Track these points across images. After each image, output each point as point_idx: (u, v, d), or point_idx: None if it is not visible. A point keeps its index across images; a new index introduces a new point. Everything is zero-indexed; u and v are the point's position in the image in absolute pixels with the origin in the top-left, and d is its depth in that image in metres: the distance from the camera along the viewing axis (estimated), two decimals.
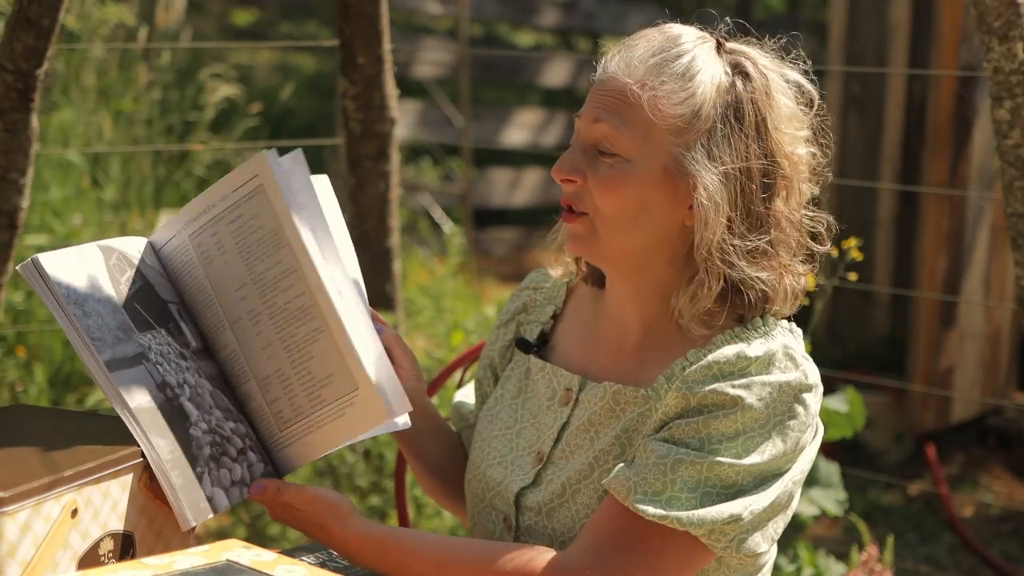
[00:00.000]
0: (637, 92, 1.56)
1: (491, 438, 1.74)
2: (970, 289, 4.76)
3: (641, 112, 1.56)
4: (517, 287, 1.85)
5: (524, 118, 7.68)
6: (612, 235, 1.58)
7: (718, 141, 1.56)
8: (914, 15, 4.97)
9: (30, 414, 1.73)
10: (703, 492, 1.50)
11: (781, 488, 1.54)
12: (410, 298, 5.14)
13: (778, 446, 1.53)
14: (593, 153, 1.59)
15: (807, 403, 1.55)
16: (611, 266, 1.64)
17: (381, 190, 3.25)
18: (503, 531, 1.68)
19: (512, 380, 1.77)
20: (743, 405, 1.51)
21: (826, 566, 3.03)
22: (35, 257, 1.53)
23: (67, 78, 4.80)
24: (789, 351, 1.56)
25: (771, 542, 1.57)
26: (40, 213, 4.16)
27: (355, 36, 3.10)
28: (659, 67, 1.57)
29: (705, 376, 1.53)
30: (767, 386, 1.52)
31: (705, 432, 1.51)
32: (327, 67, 9.20)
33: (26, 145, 2.62)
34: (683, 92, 1.56)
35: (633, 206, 1.57)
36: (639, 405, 1.60)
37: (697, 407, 1.53)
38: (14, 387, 3.74)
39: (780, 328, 1.60)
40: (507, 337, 1.81)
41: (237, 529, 3.37)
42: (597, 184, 1.57)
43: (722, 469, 1.50)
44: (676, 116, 1.56)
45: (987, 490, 4.51)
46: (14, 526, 1.38)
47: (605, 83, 1.60)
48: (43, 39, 2.53)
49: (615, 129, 1.57)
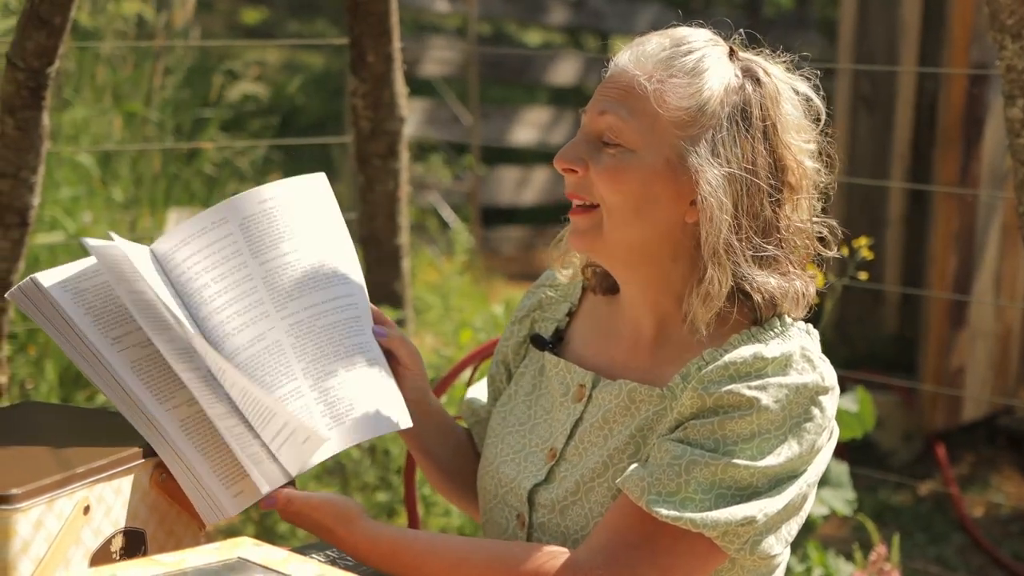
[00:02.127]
0: (644, 84, 1.56)
1: (504, 434, 1.74)
2: (981, 288, 4.75)
3: (647, 104, 1.56)
4: (533, 284, 1.85)
5: (532, 117, 7.68)
6: (615, 227, 1.58)
7: (723, 139, 1.55)
8: (925, 13, 4.95)
9: (41, 411, 1.73)
10: (717, 493, 1.50)
11: (796, 490, 1.53)
12: (418, 296, 5.14)
13: (794, 448, 1.52)
14: (597, 144, 1.59)
15: (823, 405, 1.55)
16: (615, 263, 1.64)
17: (390, 188, 3.26)
18: (516, 528, 1.68)
19: (526, 377, 1.76)
20: (759, 407, 1.51)
21: (836, 566, 3.03)
22: (33, 277, 1.55)
23: (78, 76, 4.81)
24: (806, 352, 1.56)
25: (785, 544, 1.56)
26: (51, 211, 4.16)
27: (365, 34, 3.10)
28: (668, 61, 1.58)
29: (722, 376, 1.53)
30: (784, 388, 1.52)
31: (721, 433, 1.51)
32: (335, 65, 9.21)
33: (37, 143, 2.63)
34: (690, 87, 1.56)
35: (635, 197, 1.56)
36: (654, 404, 1.60)
37: (713, 408, 1.52)
38: (24, 384, 3.74)
39: (797, 329, 1.60)
40: (521, 333, 1.80)
41: (247, 527, 3.37)
42: (599, 173, 1.57)
43: (737, 471, 1.50)
44: (682, 109, 1.56)
45: (997, 490, 4.50)
46: (27, 523, 1.38)
47: (614, 77, 1.61)
48: (54, 37, 2.54)
49: (620, 119, 1.57)
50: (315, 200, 1.69)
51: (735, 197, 1.55)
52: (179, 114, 5.18)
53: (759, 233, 1.57)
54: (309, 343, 1.62)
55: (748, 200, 1.56)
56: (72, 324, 1.55)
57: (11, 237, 2.66)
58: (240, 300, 1.59)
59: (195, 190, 4.99)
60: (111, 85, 4.85)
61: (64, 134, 4.56)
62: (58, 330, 1.55)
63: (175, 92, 5.17)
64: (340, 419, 1.60)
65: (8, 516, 1.36)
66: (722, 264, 1.55)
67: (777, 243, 1.58)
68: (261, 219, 1.62)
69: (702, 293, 1.56)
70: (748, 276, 1.56)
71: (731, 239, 1.55)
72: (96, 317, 1.57)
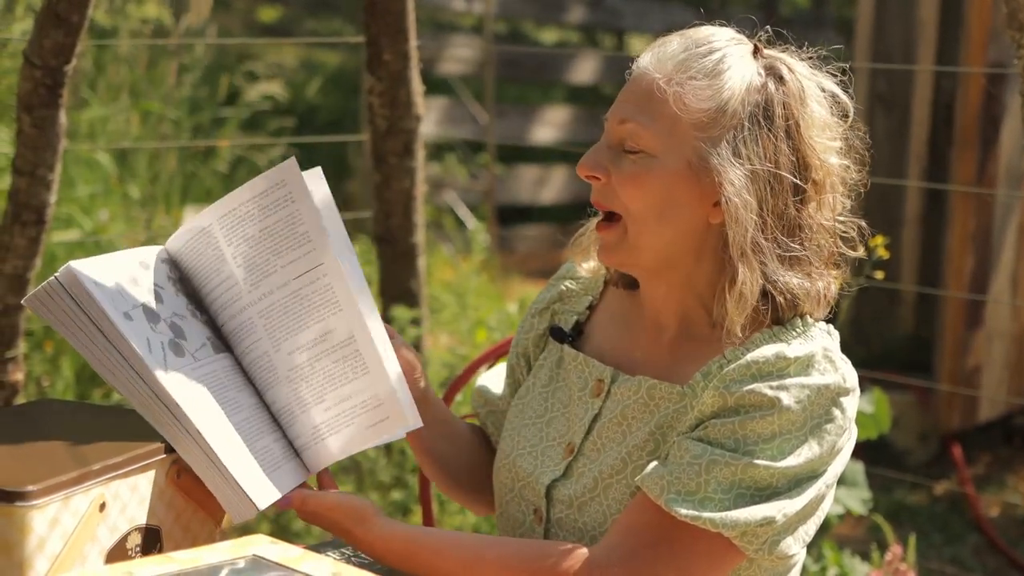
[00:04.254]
0: (663, 87, 1.56)
1: (521, 427, 1.73)
2: (997, 288, 4.73)
3: (666, 107, 1.55)
4: (553, 276, 1.84)
5: (549, 115, 7.67)
6: (640, 235, 1.58)
7: (745, 139, 1.54)
8: (942, 12, 4.93)
9: (57, 408, 1.74)
10: (737, 493, 1.49)
11: (815, 491, 1.53)
12: (434, 295, 5.14)
13: (814, 449, 1.52)
14: (618, 151, 1.59)
15: (844, 407, 1.55)
16: (642, 272, 1.64)
17: (406, 186, 3.26)
18: (532, 523, 1.68)
19: (544, 369, 1.76)
20: (780, 407, 1.50)
21: (851, 566, 3.02)
22: (70, 266, 1.53)
23: (95, 74, 4.83)
24: (828, 353, 1.55)
25: (803, 544, 1.56)
26: (67, 209, 4.18)
27: (381, 33, 3.10)
28: (687, 62, 1.57)
29: (743, 376, 1.52)
30: (805, 388, 1.51)
31: (741, 433, 1.51)
32: (351, 64, 9.22)
33: (54, 141, 2.63)
34: (710, 88, 1.55)
35: (658, 201, 1.56)
36: (674, 402, 1.59)
37: (734, 407, 1.52)
38: (41, 382, 3.76)
39: (819, 330, 1.59)
40: (541, 326, 1.80)
41: (261, 524, 3.38)
42: (621, 180, 1.57)
43: (757, 471, 1.49)
44: (702, 111, 1.55)
45: (1013, 490, 4.48)
46: (43, 520, 1.38)
47: (634, 80, 1.60)
48: (72, 35, 2.54)
49: (640, 125, 1.57)
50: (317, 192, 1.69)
51: (759, 196, 1.54)
52: (196, 113, 5.20)
53: (785, 232, 1.56)
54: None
55: (772, 199, 1.55)
56: (106, 319, 1.53)
57: (28, 235, 2.67)
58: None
59: (211, 188, 5.00)
60: (128, 83, 4.87)
61: (81, 132, 4.57)
62: (83, 329, 1.54)
63: (192, 90, 5.18)
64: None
65: (24, 513, 1.36)
66: (751, 264, 1.54)
67: (801, 242, 1.58)
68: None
69: (735, 296, 1.54)
70: (774, 276, 1.55)
71: (758, 238, 1.54)
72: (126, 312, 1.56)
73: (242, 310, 1.61)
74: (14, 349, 2.78)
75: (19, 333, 2.78)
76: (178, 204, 4.75)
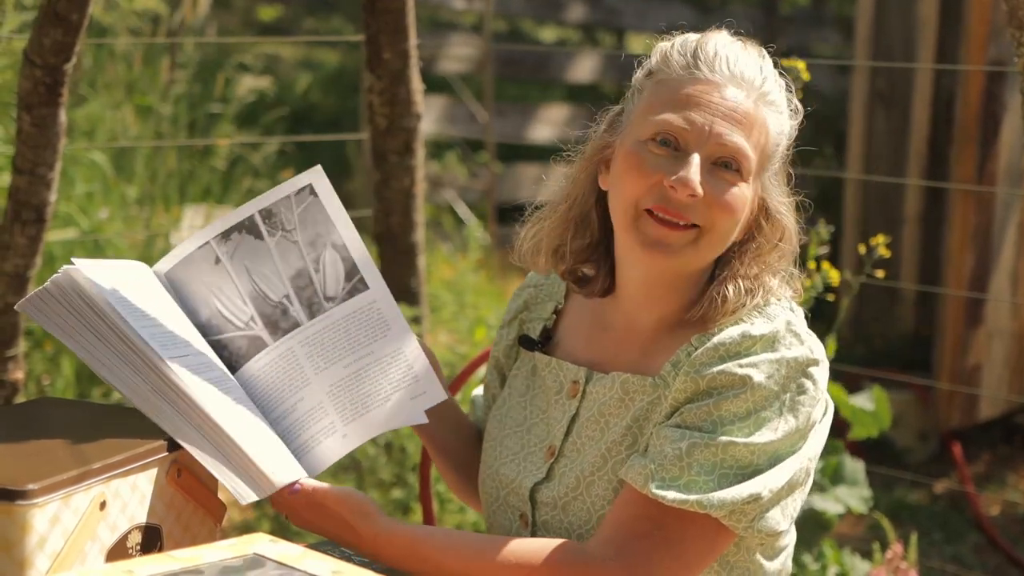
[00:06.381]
0: (754, 114, 1.60)
1: (502, 437, 1.76)
2: (997, 286, 4.73)
3: (759, 135, 1.61)
4: (518, 287, 1.88)
5: (548, 114, 7.67)
6: (712, 247, 1.62)
7: (777, 170, 1.66)
8: (942, 9, 4.93)
9: (57, 407, 1.74)
10: (720, 474, 1.52)
11: (797, 464, 1.56)
12: (433, 293, 5.14)
13: (790, 422, 1.55)
14: (708, 166, 1.59)
15: (815, 378, 1.58)
16: (674, 276, 1.65)
17: (406, 185, 3.25)
18: (519, 528, 1.69)
19: (519, 379, 1.78)
20: (752, 384, 1.53)
21: (851, 564, 3.02)
22: (72, 266, 1.54)
23: (93, 71, 4.82)
24: (792, 327, 1.59)
25: (790, 520, 1.59)
26: (65, 207, 4.17)
27: (381, 31, 3.10)
28: (765, 92, 1.62)
29: (712, 358, 1.56)
30: (774, 363, 1.55)
31: (716, 414, 1.54)
32: (351, 62, 9.21)
33: (54, 140, 2.63)
34: (779, 123, 1.64)
35: (738, 222, 1.62)
36: (648, 394, 1.62)
37: (707, 390, 1.55)
38: (41, 380, 3.76)
39: (780, 307, 1.63)
40: (511, 337, 1.83)
41: (262, 523, 3.38)
42: (723, 204, 1.59)
43: (736, 449, 1.52)
44: (772, 143, 1.63)
45: (1014, 489, 4.48)
46: (43, 518, 1.38)
47: (722, 92, 1.60)
48: (71, 34, 2.54)
49: (744, 149, 1.60)
50: (322, 189, 1.70)
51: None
52: (192, 110, 5.19)
53: (783, 239, 1.66)
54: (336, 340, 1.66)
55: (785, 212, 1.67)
56: (115, 316, 1.53)
57: (28, 234, 2.67)
58: None
59: (209, 186, 4.99)
60: (124, 80, 4.86)
61: (79, 130, 4.57)
62: (84, 325, 1.54)
63: (188, 87, 5.17)
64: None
65: (25, 511, 1.36)
66: (774, 271, 1.65)
67: (788, 246, 1.67)
68: None
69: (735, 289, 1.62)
70: (769, 283, 1.64)
71: (782, 248, 1.66)
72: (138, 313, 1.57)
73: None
74: (14, 348, 2.78)
75: (19, 332, 2.78)
76: (177, 202, 4.74)
